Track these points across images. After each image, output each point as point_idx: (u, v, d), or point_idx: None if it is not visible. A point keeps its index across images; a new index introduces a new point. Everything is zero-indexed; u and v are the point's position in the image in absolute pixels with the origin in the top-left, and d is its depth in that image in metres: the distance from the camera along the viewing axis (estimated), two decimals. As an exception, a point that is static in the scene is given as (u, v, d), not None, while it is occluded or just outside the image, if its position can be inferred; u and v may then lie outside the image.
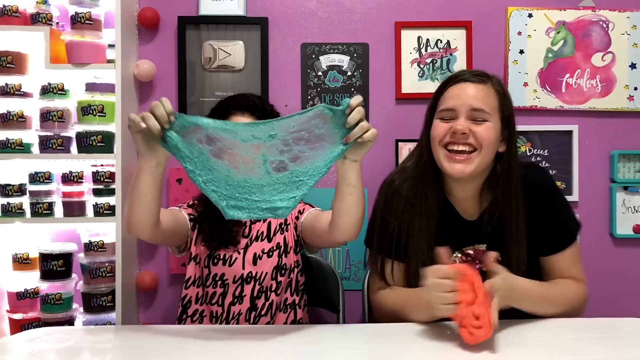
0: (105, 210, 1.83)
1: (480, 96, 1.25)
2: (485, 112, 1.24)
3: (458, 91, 1.26)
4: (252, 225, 1.53)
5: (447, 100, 1.27)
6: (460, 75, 1.29)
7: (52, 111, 1.82)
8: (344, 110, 1.12)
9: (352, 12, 1.99)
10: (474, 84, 1.26)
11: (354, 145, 1.14)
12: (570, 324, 1.25)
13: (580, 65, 1.98)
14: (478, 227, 1.33)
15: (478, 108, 1.24)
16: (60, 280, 1.83)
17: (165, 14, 1.96)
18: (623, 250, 2.01)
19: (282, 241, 1.52)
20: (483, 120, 1.24)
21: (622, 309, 1.93)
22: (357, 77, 1.99)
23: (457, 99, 1.25)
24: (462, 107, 1.24)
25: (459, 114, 1.25)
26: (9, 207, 1.83)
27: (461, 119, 1.24)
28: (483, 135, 1.24)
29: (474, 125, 1.24)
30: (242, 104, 1.50)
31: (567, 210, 1.38)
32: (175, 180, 1.96)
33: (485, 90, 1.26)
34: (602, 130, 2.00)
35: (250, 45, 1.97)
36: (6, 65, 1.83)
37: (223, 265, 1.48)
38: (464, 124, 1.23)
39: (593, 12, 1.98)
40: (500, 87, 1.31)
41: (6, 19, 1.82)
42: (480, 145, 1.24)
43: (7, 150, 1.82)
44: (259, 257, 1.49)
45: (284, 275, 1.50)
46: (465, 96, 1.25)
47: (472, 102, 1.24)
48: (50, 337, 1.22)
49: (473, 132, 1.23)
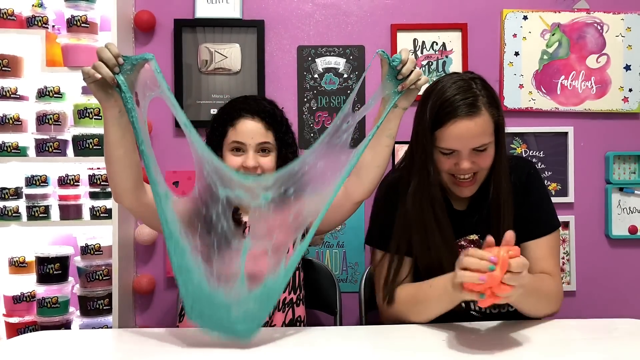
0: (101, 214, 1.83)
1: (479, 133, 1.23)
2: (485, 143, 1.25)
3: (458, 133, 1.22)
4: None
5: (447, 141, 1.24)
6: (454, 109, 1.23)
7: (48, 114, 1.82)
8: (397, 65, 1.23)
9: (348, 15, 2.00)
10: (471, 118, 1.22)
11: (406, 93, 1.26)
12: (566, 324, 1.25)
13: (575, 67, 1.99)
14: (468, 216, 1.36)
15: (480, 145, 1.24)
16: (56, 284, 1.82)
17: (162, 16, 1.96)
18: (618, 251, 2.01)
19: None
20: (484, 149, 1.26)
21: (617, 309, 1.94)
22: (353, 80, 1.99)
23: (457, 141, 1.23)
24: (464, 149, 1.24)
25: (461, 154, 1.25)
26: (5, 210, 1.83)
27: (464, 160, 1.25)
28: (485, 162, 1.27)
29: (475, 156, 1.25)
30: (252, 108, 1.48)
31: (548, 203, 1.39)
32: (171, 183, 1.95)
33: (482, 122, 1.23)
34: (597, 132, 2.01)
35: (246, 47, 1.97)
36: (2, 69, 1.83)
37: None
38: (467, 164, 1.25)
39: (588, 14, 1.99)
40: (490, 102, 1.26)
41: (2, 22, 1.82)
42: (480, 170, 1.28)
43: (3, 153, 1.82)
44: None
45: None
46: (465, 139, 1.23)
47: (473, 143, 1.23)
48: (47, 341, 1.22)
49: (475, 163, 1.26)
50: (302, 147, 1.98)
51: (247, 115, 1.46)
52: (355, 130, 1.98)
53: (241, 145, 1.44)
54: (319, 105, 1.99)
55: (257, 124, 1.46)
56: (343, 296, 1.69)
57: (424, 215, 1.30)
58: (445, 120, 1.23)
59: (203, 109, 1.96)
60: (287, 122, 1.54)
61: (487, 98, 1.25)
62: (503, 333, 1.19)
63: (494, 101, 1.27)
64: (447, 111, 1.23)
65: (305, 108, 1.99)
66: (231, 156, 1.46)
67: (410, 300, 1.29)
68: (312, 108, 1.99)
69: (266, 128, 1.46)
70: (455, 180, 1.29)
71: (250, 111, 1.47)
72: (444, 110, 1.23)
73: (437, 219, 1.29)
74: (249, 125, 1.45)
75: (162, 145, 1.97)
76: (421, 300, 1.26)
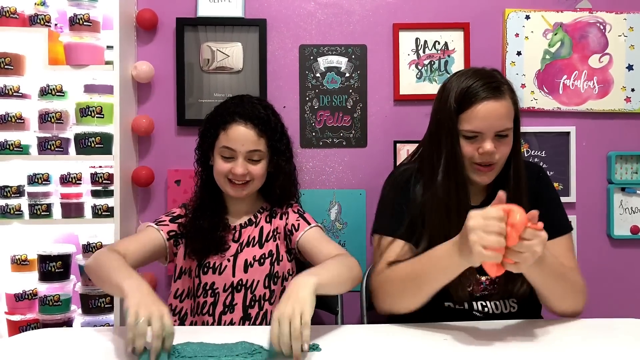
0: (103, 212, 1.83)
1: (504, 115, 1.26)
2: (508, 128, 1.28)
3: (485, 113, 1.25)
4: (242, 230, 1.50)
5: (473, 122, 1.26)
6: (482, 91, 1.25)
7: (51, 112, 1.83)
8: None
9: (350, 14, 2.00)
10: (497, 100, 1.25)
11: None
12: (567, 324, 1.25)
13: (577, 67, 1.99)
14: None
15: (504, 128, 1.27)
16: (58, 282, 1.83)
17: (164, 15, 1.96)
18: (620, 251, 2.01)
19: (274, 249, 1.48)
20: (506, 135, 1.28)
21: (619, 309, 1.94)
22: (355, 79, 1.99)
23: (483, 122, 1.25)
24: (489, 130, 1.26)
25: (485, 136, 1.27)
26: (8, 208, 1.83)
27: (487, 142, 1.26)
28: (504, 151, 1.29)
29: (497, 142, 1.28)
30: (246, 112, 1.45)
31: (560, 205, 1.43)
32: (173, 181, 1.96)
33: (507, 105, 1.27)
34: (599, 132, 2.00)
35: (248, 46, 1.97)
36: (4, 67, 1.83)
37: (213, 274, 1.45)
38: (490, 147, 1.26)
39: (590, 13, 1.99)
40: (511, 90, 1.31)
41: (4, 20, 1.83)
42: (500, 159, 1.29)
43: (5, 151, 1.82)
44: (250, 265, 1.45)
45: (276, 284, 1.47)
46: (492, 119, 1.25)
47: (498, 125, 1.26)
48: (49, 339, 1.22)
49: (497, 149, 1.28)
50: (303, 147, 1.98)
51: (240, 121, 1.44)
52: (357, 130, 1.98)
53: (231, 151, 1.43)
54: (321, 105, 1.99)
55: (249, 130, 1.43)
56: (344, 295, 1.68)
57: (449, 199, 1.29)
58: (472, 101, 1.26)
59: (205, 107, 1.96)
60: (283, 128, 1.52)
61: (508, 86, 1.30)
62: (504, 333, 1.19)
63: (514, 90, 1.31)
64: (473, 93, 1.26)
65: (307, 107, 1.99)
66: (221, 161, 1.45)
67: (408, 275, 1.23)
68: (313, 107, 1.99)
69: (259, 135, 1.44)
70: (475, 167, 1.30)
71: (243, 116, 1.44)
72: (470, 93, 1.26)
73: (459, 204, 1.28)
74: (241, 131, 1.43)
75: (164, 143, 1.97)
76: (420, 274, 1.20)
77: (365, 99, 1.99)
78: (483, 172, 1.30)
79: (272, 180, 1.51)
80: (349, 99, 1.99)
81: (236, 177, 1.43)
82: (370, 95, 1.99)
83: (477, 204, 1.37)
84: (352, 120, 1.99)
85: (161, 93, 1.98)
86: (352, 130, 1.99)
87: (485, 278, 1.33)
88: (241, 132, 1.43)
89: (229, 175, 1.44)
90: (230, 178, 1.45)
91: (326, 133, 1.99)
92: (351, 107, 1.99)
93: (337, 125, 1.99)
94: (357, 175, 2.00)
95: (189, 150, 1.99)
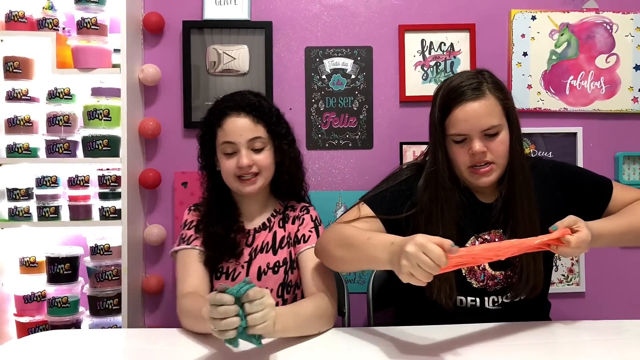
0: (111, 214, 1.84)
1: (485, 113, 1.26)
2: (495, 125, 1.27)
3: (465, 115, 1.26)
4: (256, 235, 1.47)
5: (456, 125, 1.28)
6: (460, 95, 1.28)
7: (59, 116, 1.84)
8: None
9: (356, 16, 2.00)
10: (475, 101, 1.26)
11: None
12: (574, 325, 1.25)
13: (584, 67, 1.98)
14: (493, 210, 1.35)
15: (488, 127, 1.27)
16: (66, 284, 1.84)
17: (170, 18, 1.97)
18: (628, 252, 2.00)
19: (288, 256, 1.45)
20: (495, 133, 1.28)
21: (627, 311, 1.93)
22: (360, 81, 1.99)
23: (465, 124, 1.26)
24: (472, 131, 1.27)
25: (472, 137, 1.27)
26: (16, 211, 1.85)
27: (475, 142, 1.27)
28: (498, 149, 1.28)
29: (487, 141, 1.28)
30: (237, 103, 1.42)
31: (587, 172, 1.46)
32: (180, 183, 1.96)
33: (488, 104, 1.27)
34: (606, 132, 1.99)
35: (254, 49, 1.98)
36: (13, 71, 1.85)
37: (226, 280, 1.42)
38: (479, 147, 1.26)
39: (597, 14, 1.98)
40: (496, 87, 1.30)
41: (13, 24, 1.84)
42: (497, 159, 1.29)
43: (14, 154, 1.83)
44: (263, 272, 1.43)
45: (289, 293, 1.45)
46: (472, 120, 1.26)
47: (481, 124, 1.26)
48: (57, 340, 1.23)
49: (489, 149, 1.28)
50: (309, 148, 1.99)
51: (233, 113, 1.41)
52: (363, 131, 1.99)
53: (232, 145, 1.39)
54: (327, 106, 1.99)
55: (244, 119, 1.40)
56: (351, 297, 1.69)
57: (431, 206, 1.30)
58: (452, 106, 1.27)
59: (211, 110, 1.97)
60: (278, 112, 1.48)
61: (492, 84, 1.30)
62: (511, 334, 1.19)
63: (500, 87, 1.31)
64: (451, 98, 1.28)
65: (313, 109, 1.99)
66: (225, 160, 1.41)
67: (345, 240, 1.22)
68: (319, 109, 1.99)
69: (254, 122, 1.40)
70: (471, 171, 1.30)
71: (235, 108, 1.41)
72: (451, 97, 1.28)
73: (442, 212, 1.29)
74: (236, 123, 1.40)
75: (171, 145, 1.98)
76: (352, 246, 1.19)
77: (371, 101, 1.99)
78: (481, 175, 1.29)
79: (280, 169, 1.47)
80: (355, 101, 1.99)
81: (243, 170, 1.39)
82: (376, 96, 2.00)
83: (490, 202, 1.37)
84: (358, 121, 1.99)
85: (168, 96, 1.99)
86: (358, 132, 2.00)
87: (499, 272, 1.32)
88: (237, 123, 1.40)
89: (236, 172, 1.40)
90: (239, 175, 1.40)
91: (332, 135, 1.99)
92: (357, 109, 1.99)
93: (343, 127, 2.00)
94: (363, 177, 2.00)
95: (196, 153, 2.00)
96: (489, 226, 1.34)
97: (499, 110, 1.28)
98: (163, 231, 1.95)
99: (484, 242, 1.33)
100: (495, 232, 1.34)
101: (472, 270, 1.32)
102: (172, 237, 1.97)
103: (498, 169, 1.30)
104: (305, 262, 1.41)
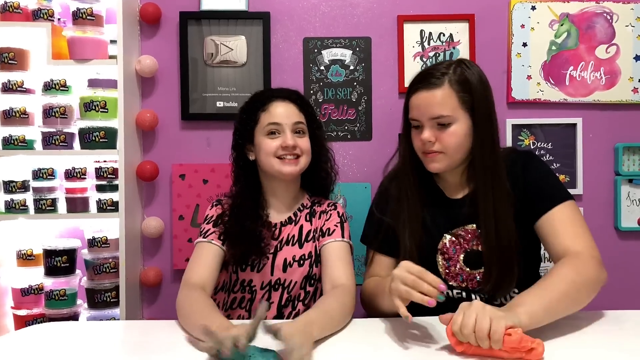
0: (108, 206, 1.84)
1: (435, 103, 1.28)
2: (445, 116, 1.27)
3: (417, 102, 1.31)
4: (282, 228, 1.47)
5: (411, 111, 1.33)
6: (419, 81, 1.32)
7: (55, 107, 1.83)
8: None
9: (355, 6, 1.98)
10: (429, 90, 1.28)
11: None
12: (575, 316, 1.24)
13: (584, 58, 1.97)
14: (464, 206, 1.35)
15: (437, 115, 1.28)
16: (64, 276, 1.83)
17: (167, 9, 1.96)
18: (628, 243, 2.00)
19: (313, 250, 1.46)
20: (447, 123, 1.28)
21: (627, 301, 1.93)
22: (359, 72, 1.98)
23: (417, 110, 1.31)
24: (422, 117, 1.30)
25: (423, 123, 1.31)
26: (13, 203, 1.84)
27: (426, 129, 1.30)
28: (447, 141, 1.29)
29: (438, 131, 1.30)
30: (283, 93, 1.49)
31: (551, 179, 1.35)
32: (178, 176, 1.95)
33: (441, 95, 1.27)
34: (606, 123, 1.98)
35: (252, 40, 1.96)
36: (8, 62, 1.83)
37: (251, 271, 1.43)
38: (428, 134, 1.30)
39: (597, 3, 1.97)
40: (459, 82, 1.28)
41: (8, 15, 1.83)
42: (446, 149, 1.30)
43: (10, 146, 1.82)
44: (289, 265, 1.44)
45: (312, 285, 1.47)
46: (423, 107, 1.29)
47: (430, 112, 1.29)
48: (55, 333, 1.22)
49: (438, 139, 1.30)
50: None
51: (279, 99, 1.46)
52: (362, 123, 1.97)
53: (277, 126, 1.42)
54: (325, 98, 1.98)
55: (289, 105, 1.46)
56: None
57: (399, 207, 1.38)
58: (412, 91, 1.33)
59: (209, 101, 1.96)
60: (314, 109, 1.57)
61: (457, 77, 1.29)
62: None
63: (465, 83, 1.29)
64: (413, 83, 1.34)
65: (311, 100, 1.97)
66: (267, 140, 1.42)
67: (371, 293, 1.36)
68: (318, 100, 1.98)
69: (299, 110, 1.47)
70: (425, 155, 1.34)
71: (280, 96, 1.47)
72: (413, 83, 1.34)
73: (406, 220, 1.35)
74: (283, 107, 1.45)
75: (168, 137, 1.97)
76: (376, 294, 1.32)
77: (370, 92, 1.98)
78: (429, 158, 1.32)
79: (315, 161, 1.50)
80: (354, 92, 1.98)
81: (287, 149, 1.41)
82: (375, 88, 1.98)
83: (459, 197, 1.38)
84: (356, 113, 1.98)
85: (165, 87, 1.97)
86: (357, 124, 1.98)
87: (478, 272, 1.33)
88: (283, 107, 1.45)
89: (278, 153, 1.41)
90: (281, 155, 1.42)
91: (331, 126, 1.98)
92: (356, 100, 1.98)
93: (342, 119, 1.99)
94: (362, 169, 1.99)
95: (194, 145, 1.99)
96: (460, 222, 1.35)
97: (454, 102, 1.27)
98: (161, 223, 1.94)
99: (459, 238, 1.34)
100: (468, 227, 1.34)
101: (450, 272, 1.35)
102: (170, 229, 1.97)
103: (447, 159, 1.31)
104: (328, 254, 1.43)
